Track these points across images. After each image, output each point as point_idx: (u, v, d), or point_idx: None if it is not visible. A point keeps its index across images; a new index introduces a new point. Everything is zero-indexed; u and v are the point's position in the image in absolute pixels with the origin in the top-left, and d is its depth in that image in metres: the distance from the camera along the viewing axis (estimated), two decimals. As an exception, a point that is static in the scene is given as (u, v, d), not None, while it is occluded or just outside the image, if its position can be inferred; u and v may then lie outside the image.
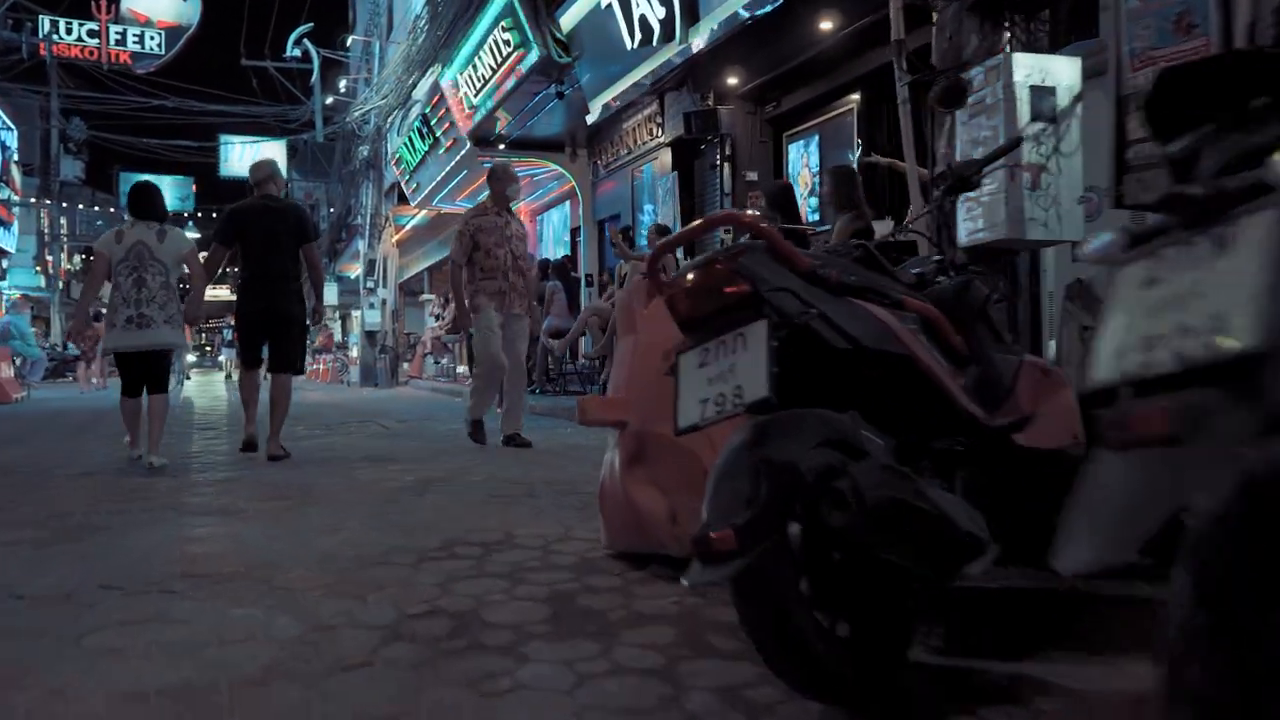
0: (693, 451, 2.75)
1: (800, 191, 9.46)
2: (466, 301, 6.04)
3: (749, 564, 1.46)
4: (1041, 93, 3.23)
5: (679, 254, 9.56)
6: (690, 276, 1.78)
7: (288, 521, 3.55)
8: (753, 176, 9.52)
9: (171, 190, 36.43)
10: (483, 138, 12.29)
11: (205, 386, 21.05)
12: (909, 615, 1.64)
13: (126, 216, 5.55)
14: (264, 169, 5.88)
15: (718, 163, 9.67)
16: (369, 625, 2.19)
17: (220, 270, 6.01)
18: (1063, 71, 3.46)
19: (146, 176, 31.43)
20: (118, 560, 2.91)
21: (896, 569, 1.59)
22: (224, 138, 25.71)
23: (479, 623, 2.20)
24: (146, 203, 5.44)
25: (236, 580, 2.63)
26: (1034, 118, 3.20)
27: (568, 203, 14.24)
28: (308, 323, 5.98)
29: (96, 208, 30.06)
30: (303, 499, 4.08)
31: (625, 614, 2.25)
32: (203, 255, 6.04)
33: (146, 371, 5.30)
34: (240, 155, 26.19)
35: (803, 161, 9.31)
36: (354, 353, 21.25)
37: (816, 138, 9.15)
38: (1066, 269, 3.84)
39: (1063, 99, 3.27)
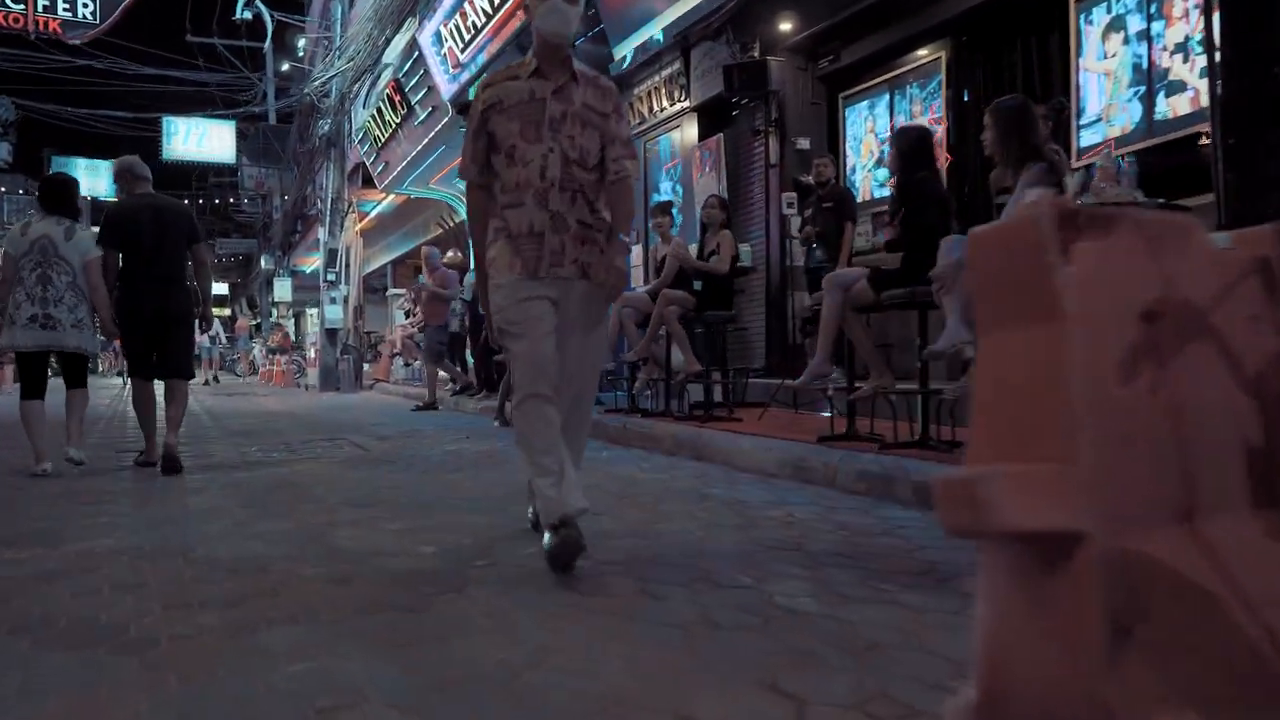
0: (1217, 598, 1.18)
1: (863, 162, 7.94)
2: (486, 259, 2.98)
3: None
4: None
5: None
6: None
7: (232, 673, 1.89)
8: (804, 144, 7.97)
9: (111, 174, 33.88)
10: (468, 104, 10.55)
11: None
12: None
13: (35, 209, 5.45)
14: (142, 167, 5.46)
15: (761, 128, 8.10)
16: None
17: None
18: None
19: (82, 160, 29.01)
20: None
21: None
22: (167, 118, 23.45)
23: None
24: (58, 197, 5.31)
25: None
26: None
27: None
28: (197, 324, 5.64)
29: (21, 192, 27.43)
30: (260, 602, 2.42)
31: None
32: None
33: (63, 371, 5.28)
34: (185, 137, 24.00)
35: (867, 126, 7.77)
36: (312, 354, 19.31)
37: (886, 97, 7.63)
38: None
39: None
